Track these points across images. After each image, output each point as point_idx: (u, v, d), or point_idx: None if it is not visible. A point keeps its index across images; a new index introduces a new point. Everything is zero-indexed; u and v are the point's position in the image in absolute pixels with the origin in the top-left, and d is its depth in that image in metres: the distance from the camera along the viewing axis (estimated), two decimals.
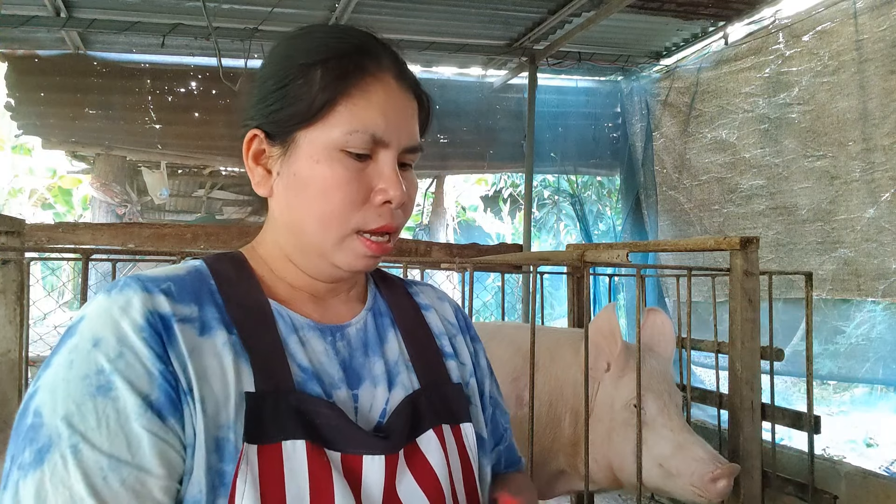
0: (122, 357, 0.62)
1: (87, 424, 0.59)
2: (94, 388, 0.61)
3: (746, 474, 2.16)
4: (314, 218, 0.74)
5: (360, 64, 0.74)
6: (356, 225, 0.73)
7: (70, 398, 0.60)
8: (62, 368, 0.62)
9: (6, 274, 1.73)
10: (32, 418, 0.61)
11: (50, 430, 0.59)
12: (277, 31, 4.94)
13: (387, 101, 0.74)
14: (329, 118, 0.72)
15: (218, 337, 0.68)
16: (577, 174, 6.90)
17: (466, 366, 0.89)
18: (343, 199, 0.72)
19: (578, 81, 6.54)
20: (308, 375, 0.72)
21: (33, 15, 4.61)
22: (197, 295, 0.71)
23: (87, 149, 6.12)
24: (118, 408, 0.61)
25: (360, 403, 0.75)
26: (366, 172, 0.74)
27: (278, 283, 0.78)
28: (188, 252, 1.77)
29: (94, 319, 0.65)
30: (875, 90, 4.09)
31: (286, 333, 0.74)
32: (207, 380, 0.65)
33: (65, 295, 10.49)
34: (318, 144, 0.72)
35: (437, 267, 2.93)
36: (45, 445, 0.59)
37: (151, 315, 0.65)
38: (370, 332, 0.81)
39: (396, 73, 0.77)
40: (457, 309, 0.95)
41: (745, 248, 2.22)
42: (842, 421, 5.68)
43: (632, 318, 5.64)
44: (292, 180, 0.74)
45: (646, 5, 4.81)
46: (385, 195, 0.73)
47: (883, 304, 4.20)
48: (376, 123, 0.73)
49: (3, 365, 1.75)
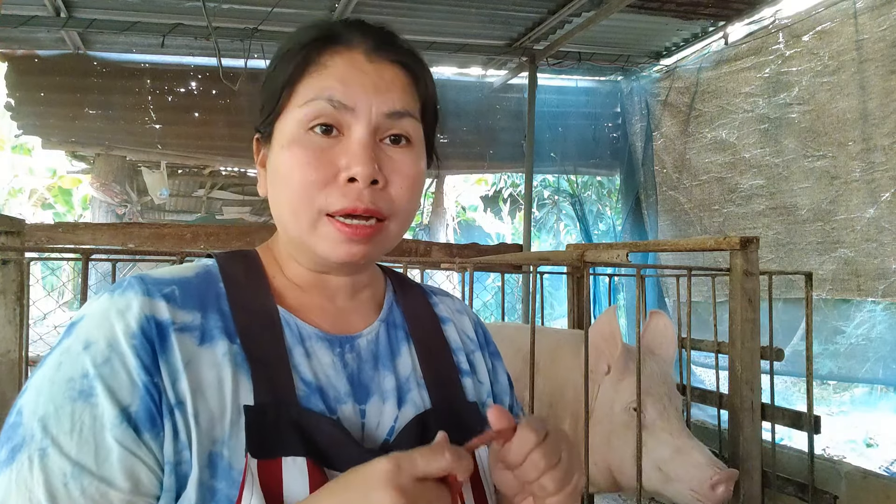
0: (108, 363, 0.61)
1: (60, 428, 0.58)
2: (75, 392, 0.60)
3: (746, 474, 2.16)
4: (284, 205, 0.70)
5: (320, 45, 0.71)
6: (321, 207, 0.68)
7: (51, 400, 0.60)
8: (51, 369, 0.62)
9: (6, 274, 1.73)
10: (15, 416, 0.60)
11: (25, 429, 0.59)
12: (277, 31, 4.94)
13: (347, 69, 0.70)
14: (291, 101, 0.71)
15: (218, 347, 0.66)
16: (577, 174, 6.90)
17: (484, 385, 0.84)
18: (301, 179, 0.68)
19: (578, 81, 6.54)
20: (311, 390, 0.68)
21: (33, 15, 4.61)
22: (202, 300, 0.68)
23: (87, 149, 6.12)
24: (95, 414, 0.59)
25: (367, 419, 0.71)
26: (332, 151, 0.68)
27: (288, 286, 0.75)
28: (188, 252, 1.77)
29: (91, 321, 0.63)
30: (875, 90, 4.09)
31: (292, 344, 0.70)
32: (203, 392, 0.63)
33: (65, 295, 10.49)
34: (285, 130, 0.70)
35: (437, 267, 2.93)
36: (18, 445, 0.58)
37: (147, 321, 0.63)
38: (382, 345, 0.77)
39: (367, 49, 0.72)
40: (476, 322, 0.90)
41: (745, 248, 2.22)
42: (842, 421, 5.68)
43: (632, 318, 5.64)
44: (270, 172, 0.73)
45: (646, 5, 4.81)
46: (348, 171, 0.67)
47: (883, 304, 4.20)
48: (332, 87, 0.68)
49: (3, 365, 1.75)
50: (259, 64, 5.31)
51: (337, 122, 0.69)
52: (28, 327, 1.79)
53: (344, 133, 0.69)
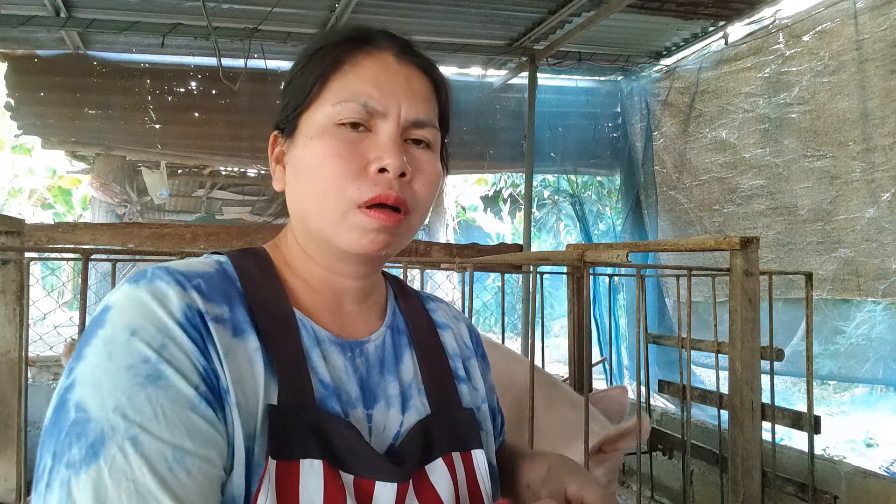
0: (165, 348, 0.59)
1: (142, 415, 0.56)
2: (142, 378, 0.57)
3: (746, 474, 2.16)
4: (312, 197, 0.71)
5: (353, 45, 0.74)
6: (352, 197, 0.69)
7: (118, 389, 0.56)
8: (101, 359, 0.58)
9: (6, 274, 1.73)
10: (75, 413, 0.56)
11: (101, 423, 0.55)
12: (277, 31, 4.94)
13: (380, 73, 0.72)
14: (322, 96, 0.72)
15: (250, 341, 0.66)
16: (577, 174, 6.90)
17: (479, 391, 0.85)
18: (333, 169, 0.69)
19: (578, 81, 6.54)
20: (329, 392, 0.69)
21: (33, 15, 4.61)
22: (227, 295, 0.68)
23: (86, 149, 6.12)
24: (171, 397, 0.57)
25: (373, 424, 0.72)
26: (362, 144, 0.70)
27: (300, 287, 0.75)
28: (188, 252, 1.77)
29: (125, 309, 0.61)
30: (875, 90, 4.09)
31: (309, 346, 0.70)
32: (242, 385, 0.63)
33: (64, 295, 10.50)
34: (314, 123, 0.72)
35: (437, 267, 2.93)
36: (98, 439, 0.54)
37: (189, 309, 0.62)
38: (387, 351, 0.78)
39: (396, 52, 0.75)
40: (471, 328, 0.92)
41: (745, 248, 2.22)
42: (842, 421, 5.69)
43: (632, 319, 5.64)
44: (294, 164, 0.74)
45: (646, 5, 4.81)
46: (380, 162, 0.69)
47: (883, 304, 4.20)
48: (367, 92, 0.71)
49: (3, 365, 1.75)
50: (259, 64, 5.31)
51: (366, 122, 0.71)
52: (28, 327, 1.79)
53: (372, 130, 0.71)
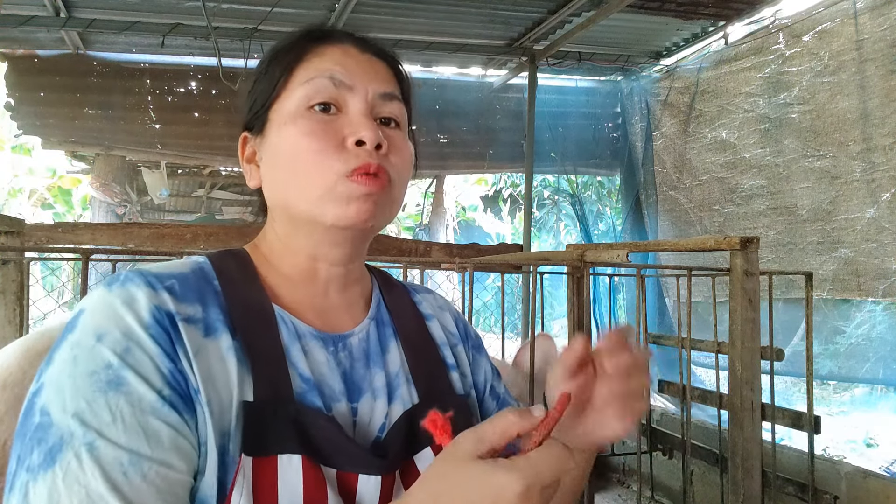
0: (129, 352, 0.60)
1: (101, 420, 0.56)
2: (103, 384, 0.58)
3: (746, 474, 2.16)
4: (293, 179, 0.71)
5: (314, 39, 0.77)
6: (337, 170, 0.70)
7: (79, 394, 0.57)
8: (66, 364, 0.59)
9: (6, 274, 1.73)
10: (40, 417, 0.57)
11: (61, 428, 0.56)
12: (277, 31, 4.93)
13: (343, 57, 0.75)
14: (289, 85, 0.74)
15: (223, 340, 0.66)
16: (577, 174, 6.90)
17: (467, 378, 0.86)
18: (311, 146, 0.70)
19: (578, 81, 6.54)
20: (309, 386, 0.69)
21: (33, 15, 4.60)
22: (201, 294, 0.68)
23: (86, 149, 6.11)
24: (132, 402, 0.58)
25: (358, 417, 0.72)
26: (336, 123, 0.72)
27: (281, 283, 0.76)
28: (188, 252, 1.77)
29: (94, 313, 0.62)
30: (875, 90, 4.09)
31: (289, 341, 0.71)
32: (213, 383, 0.63)
33: (65, 295, 10.49)
34: (284, 111, 0.73)
35: (437, 267, 2.92)
36: (56, 445, 0.55)
37: (157, 311, 0.63)
38: (372, 343, 0.78)
39: (356, 42, 0.78)
40: (457, 317, 0.92)
41: (745, 248, 2.22)
42: (842, 421, 5.69)
43: (632, 319, 5.64)
44: (269, 154, 0.75)
45: (646, 5, 4.81)
46: (356, 135, 0.70)
47: (883, 304, 4.20)
48: (332, 68, 0.73)
49: None
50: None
51: (336, 101, 0.73)
52: (28, 327, 1.79)
53: (342, 110, 0.73)
